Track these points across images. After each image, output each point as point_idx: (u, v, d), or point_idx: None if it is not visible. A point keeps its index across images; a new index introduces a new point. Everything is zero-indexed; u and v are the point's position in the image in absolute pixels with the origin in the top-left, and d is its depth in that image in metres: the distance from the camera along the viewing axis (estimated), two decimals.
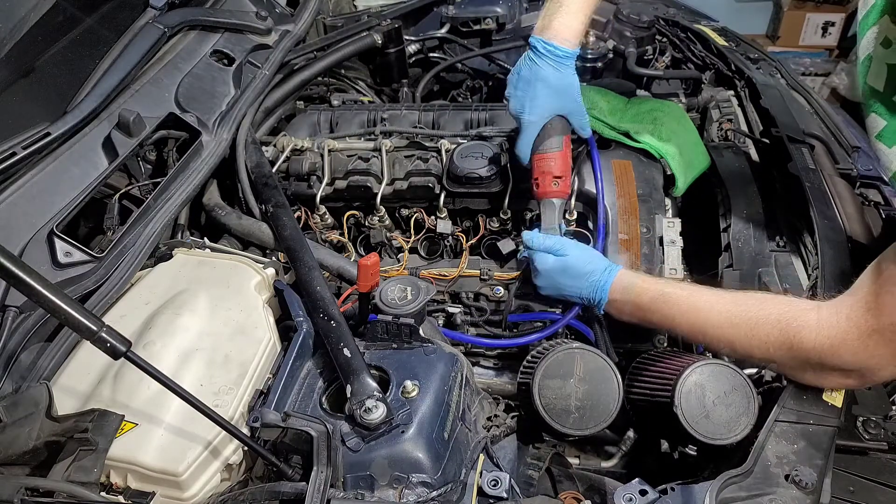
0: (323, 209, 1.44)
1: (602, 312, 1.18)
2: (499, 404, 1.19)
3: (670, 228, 1.32)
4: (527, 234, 1.24)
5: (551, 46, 1.19)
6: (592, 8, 1.23)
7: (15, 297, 1.01)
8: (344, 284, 1.31)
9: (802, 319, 0.94)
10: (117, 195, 1.29)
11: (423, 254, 1.47)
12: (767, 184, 1.40)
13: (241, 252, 1.30)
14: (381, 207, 1.42)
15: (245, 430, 0.92)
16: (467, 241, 1.42)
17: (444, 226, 1.40)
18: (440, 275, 1.37)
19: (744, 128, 1.62)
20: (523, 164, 1.29)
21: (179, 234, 1.37)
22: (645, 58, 1.90)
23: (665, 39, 1.96)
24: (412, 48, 2.04)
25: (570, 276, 1.18)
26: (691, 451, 1.10)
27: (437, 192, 1.41)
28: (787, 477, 0.89)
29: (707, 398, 0.99)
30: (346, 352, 0.97)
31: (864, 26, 1.01)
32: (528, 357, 1.15)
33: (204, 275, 1.16)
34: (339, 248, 1.46)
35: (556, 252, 1.19)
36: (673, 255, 1.30)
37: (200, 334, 1.05)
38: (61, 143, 1.23)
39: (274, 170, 1.44)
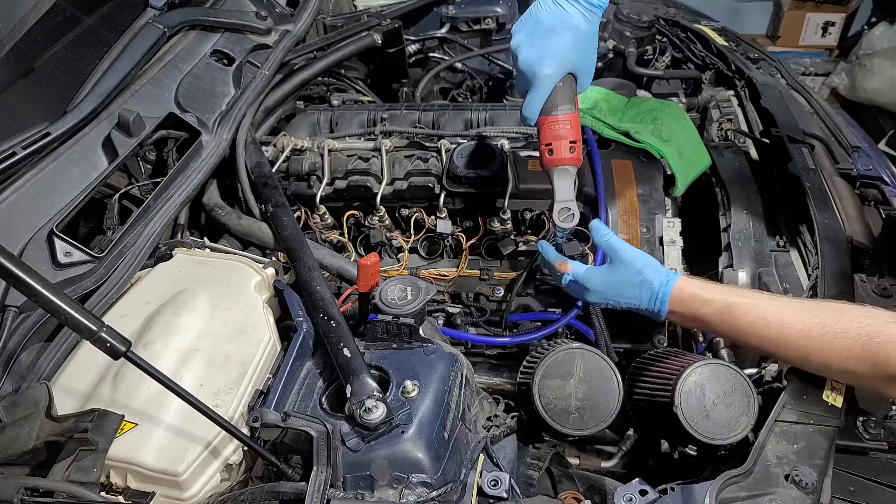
0: (323, 209, 1.44)
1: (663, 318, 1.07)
2: (499, 404, 1.19)
3: (670, 228, 1.32)
4: (572, 267, 1.12)
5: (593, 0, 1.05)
6: None
7: (15, 297, 1.01)
8: (344, 284, 1.31)
9: (886, 333, 0.88)
10: (117, 195, 1.29)
11: (423, 254, 1.47)
12: (767, 184, 1.40)
13: (241, 252, 1.30)
14: (381, 207, 1.42)
15: (245, 430, 0.92)
16: (467, 241, 1.42)
17: (444, 226, 1.40)
18: (440, 275, 1.37)
19: (744, 128, 1.62)
20: (530, 124, 1.15)
21: (179, 234, 1.37)
22: (645, 58, 1.90)
23: (665, 39, 1.96)
24: (412, 48, 2.04)
25: (625, 285, 1.06)
26: (691, 451, 1.10)
27: (437, 192, 1.41)
28: (787, 477, 0.89)
29: (707, 398, 0.99)
30: (346, 352, 0.97)
31: None
32: (528, 357, 1.15)
33: (204, 275, 1.16)
34: (339, 248, 1.46)
35: (610, 257, 1.09)
36: (673, 255, 1.30)
37: (200, 334, 1.05)
38: (61, 143, 1.23)
39: (274, 170, 1.44)
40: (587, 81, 1.14)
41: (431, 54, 2.09)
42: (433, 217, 1.41)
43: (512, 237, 1.40)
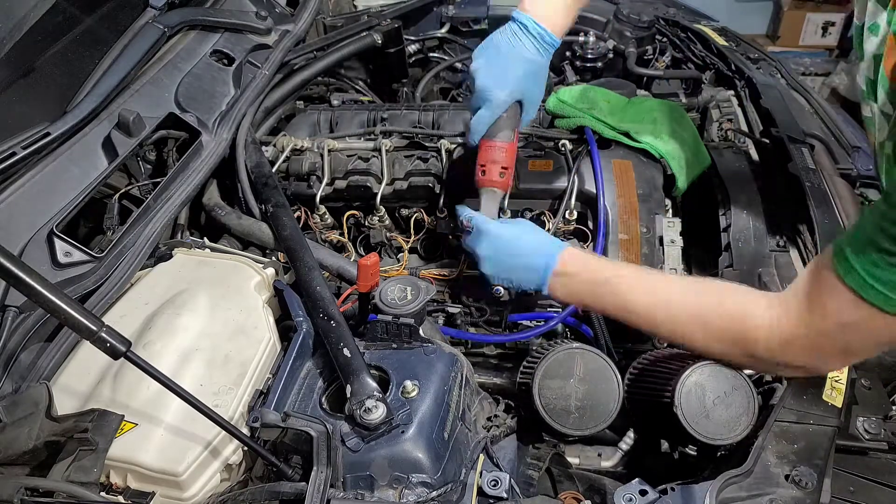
0: (323, 209, 1.44)
1: (545, 289, 1.11)
2: (499, 404, 1.19)
3: (670, 228, 1.32)
4: (464, 213, 1.20)
5: (541, 29, 1.14)
6: (581, 5, 1.20)
7: (15, 297, 1.01)
8: (344, 284, 1.31)
9: (758, 318, 0.94)
10: (117, 195, 1.29)
11: (423, 254, 1.47)
12: (767, 184, 1.40)
13: (240, 252, 1.30)
14: (381, 207, 1.42)
15: (245, 430, 0.92)
16: None
17: (444, 226, 1.40)
18: (440, 275, 1.37)
19: (744, 128, 1.62)
20: (471, 144, 1.23)
21: (179, 234, 1.37)
22: (645, 58, 1.90)
23: (665, 39, 1.96)
24: (412, 48, 2.04)
25: (516, 255, 1.13)
26: (691, 451, 1.10)
27: (437, 192, 1.41)
28: (787, 477, 0.89)
29: (707, 398, 0.99)
30: (346, 352, 0.97)
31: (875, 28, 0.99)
32: (528, 357, 1.15)
33: (204, 275, 1.16)
34: (339, 248, 1.46)
35: (497, 233, 1.15)
36: (673, 255, 1.30)
37: (200, 334, 1.05)
38: (61, 143, 1.23)
39: (274, 170, 1.44)
40: (533, 112, 1.23)
41: (431, 54, 2.09)
42: (433, 217, 1.41)
43: None
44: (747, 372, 1.03)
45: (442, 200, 1.40)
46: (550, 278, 1.10)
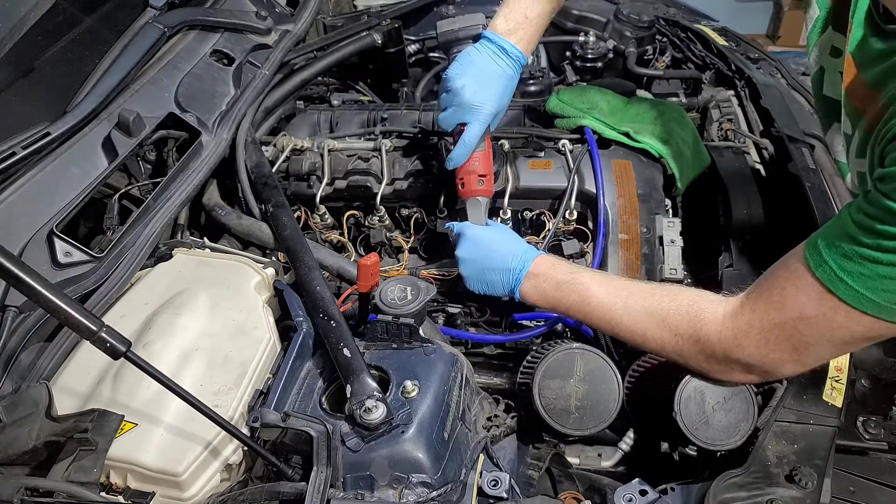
0: (323, 209, 1.44)
1: (517, 294, 1.15)
2: (499, 404, 1.19)
3: (670, 228, 1.32)
4: (455, 224, 1.26)
5: (517, 51, 1.22)
6: (542, 31, 1.27)
7: (15, 297, 1.01)
8: (344, 284, 1.31)
9: (710, 311, 0.95)
10: (117, 195, 1.29)
11: (423, 254, 1.47)
12: (767, 184, 1.40)
13: (241, 252, 1.30)
14: (381, 207, 1.42)
15: (245, 430, 0.92)
16: None
17: (444, 226, 1.40)
18: (440, 275, 1.37)
19: (744, 128, 1.62)
20: (454, 166, 1.26)
21: (179, 234, 1.37)
22: (645, 58, 1.90)
23: (665, 39, 1.96)
24: (412, 48, 2.04)
25: (494, 252, 1.17)
26: (691, 451, 1.10)
27: (438, 192, 1.40)
28: (787, 477, 0.89)
29: (707, 404, 0.99)
30: (346, 352, 0.97)
31: (811, 39, 1.02)
32: (528, 357, 1.15)
33: (204, 275, 1.16)
34: (339, 248, 1.46)
35: (478, 237, 1.20)
36: (673, 255, 1.30)
37: (200, 334, 1.05)
38: (61, 143, 1.23)
39: (274, 170, 1.44)
40: (497, 121, 1.29)
41: (431, 54, 2.09)
42: (433, 217, 1.41)
43: None
44: None
45: (442, 200, 1.40)
46: (523, 281, 1.13)
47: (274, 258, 1.31)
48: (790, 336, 0.89)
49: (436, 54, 2.09)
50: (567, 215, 1.35)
